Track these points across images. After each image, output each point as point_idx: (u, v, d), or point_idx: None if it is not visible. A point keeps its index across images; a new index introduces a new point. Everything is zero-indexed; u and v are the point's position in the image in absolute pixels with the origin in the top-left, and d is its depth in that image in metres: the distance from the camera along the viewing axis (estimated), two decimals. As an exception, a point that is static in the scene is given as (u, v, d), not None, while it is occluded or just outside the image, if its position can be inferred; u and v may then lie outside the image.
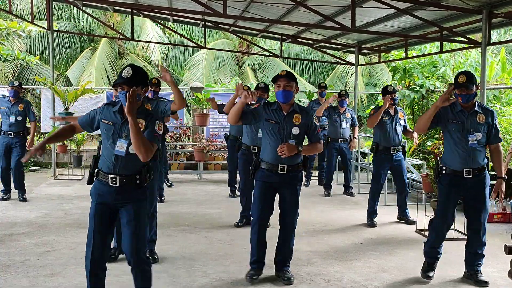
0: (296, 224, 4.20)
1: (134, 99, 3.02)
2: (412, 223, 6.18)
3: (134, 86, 3.13)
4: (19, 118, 7.09)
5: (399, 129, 6.23)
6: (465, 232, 4.40)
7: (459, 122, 4.12)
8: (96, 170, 3.30)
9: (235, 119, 4.00)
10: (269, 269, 4.33)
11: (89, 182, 3.37)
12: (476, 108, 4.20)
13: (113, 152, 3.21)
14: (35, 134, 10.02)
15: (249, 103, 4.10)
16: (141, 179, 3.27)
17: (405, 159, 6.49)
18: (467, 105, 4.16)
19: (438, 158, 4.38)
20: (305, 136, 4.17)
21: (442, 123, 4.21)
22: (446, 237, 4.37)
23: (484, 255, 4.26)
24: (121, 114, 3.24)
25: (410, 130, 6.49)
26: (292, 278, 4.14)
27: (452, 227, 5.50)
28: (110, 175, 3.21)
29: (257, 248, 4.14)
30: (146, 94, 6.97)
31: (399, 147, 6.24)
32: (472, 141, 4.12)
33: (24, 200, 7.21)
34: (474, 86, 4.09)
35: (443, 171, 4.24)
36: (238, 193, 7.78)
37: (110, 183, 3.21)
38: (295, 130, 4.05)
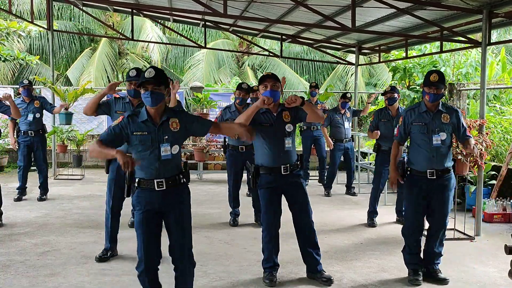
0: (313, 219, 4.19)
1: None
2: None
3: (159, 85, 3.14)
4: (37, 115, 7.14)
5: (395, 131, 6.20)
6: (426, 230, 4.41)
7: (423, 124, 4.14)
8: (136, 180, 3.25)
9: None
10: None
11: (128, 195, 3.33)
12: (440, 108, 4.20)
13: (156, 159, 3.19)
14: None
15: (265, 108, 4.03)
16: (185, 177, 3.31)
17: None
18: (432, 105, 4.17)
19: (404, 159, 4.38)
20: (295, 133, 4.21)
21: (409, 131, 4.25)
22: (446, 237, 4.37)
23: (442, 255, 4.30)
24: (152, 121, 3.22)
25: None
26: (332, 278, 4.14)
27: (452, 227, 5.53)
28: (155, 180, 3.20)
29: (271, 254, 4.13)
30: (125, 92, 7.04)
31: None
32: (436, 141, 4.12)
33: (42, 199, 7.28)
34: (443, 88, 4.13)
35: (408, 172, 4.25)
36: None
37: (156, 188, 3.20)
38: (289, 128, 4.07)
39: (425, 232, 4.42)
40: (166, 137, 3.21)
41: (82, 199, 7.29)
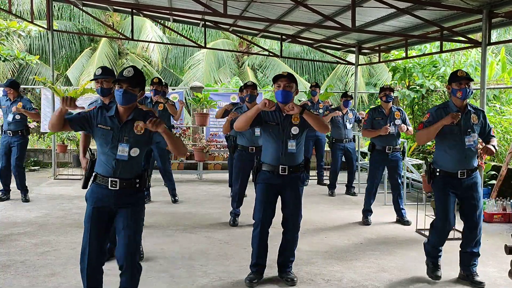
0: (299, 226, 4.19)
1: (156, 125, 3.03)
2: (406, 223, 6.20)
3: (134, 86, 3.14)
4: (18, 116, 6.97)
5: (393, 129, 6.19)
6: (460, 231, 4.39)
7: (455, 124, 4.08)
8: (93, 174, 3.28)
9: (247, 126, 3.99)
10: (269, 269, 4.33)
11: (84, 187, 3.37)
12: (469, 108, 4.19)
13: (113, 157, 3.19)
14: (35, 133, 9.95)
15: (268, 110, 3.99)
16: (141, 183, 3.28)
17: (403, 159, 6.47)
18: (461, 104, 4.14)
19: (428, 161, 4.35)
20: (304, 136, 4.17)
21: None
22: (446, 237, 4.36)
23: (479, 255, 4.25)
24: (118, 118, 3.22)
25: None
26: (295, 279, 4.13)
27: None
28: (110, 179, 3.20)
29: (258, 251, 4.12)
30: (148, 93, 7.05)
31: (395, 147, 6.24)
32: (469, 141, 4.11)
33: (26, 200, 7.18)
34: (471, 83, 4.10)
35: (437, 173, 4.21)
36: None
37: (109, 187, 3.20)
38: (295, 130, 4.04)
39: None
40: (127, 137, 3.19)
41: (82, 199, 7.20)
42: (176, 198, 7.42)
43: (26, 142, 7.28)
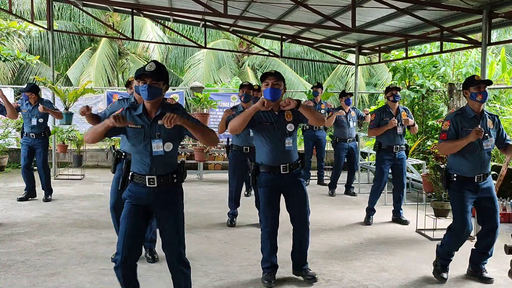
0: (309, 221, 4.18)
1: (172, 120, 3.01)
2: (405, 223, 6.21)
3: (158, 80, 3.13)
4: (41, 120, 7.07)
5: (400, 129, 6.20)
6: (475, 234, 4.40)
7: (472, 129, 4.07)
8: (130, 174, 3.25)
9: (242, 127, 3.98)
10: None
11: (122, 187, 3.33)
12: (485, 113, 4.21)
13: (147, 154, 3.18)
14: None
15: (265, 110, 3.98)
16: (178, 177, 3.27)
17: (407, 159, 6.48)
18: (479, 109, 4.15)
19: (442, 166, 4.35)
20: (297, 132, 4.20)
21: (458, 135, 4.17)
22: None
23: (491, 255, 4.29)
24: (146, 115, 3.22)
25: None
26: (316, 276, 4.15)
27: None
28: (147, 176, 3.19)
29: (270, 254, 4.12)
30: (127, 92, 7.04)
31: (402, 146, 6.25)
32: (487, 146, 4.14)
33: (47, 200, 7.25)
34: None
35: (454, 179, 4.20)
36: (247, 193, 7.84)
37: (147, 184, 3.19)
38: (290, 127, 4.05)
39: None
40: (159, 133, 3.19)
41: (82, 199, 7.30)
42: None
43: (48, 143, 7.42)
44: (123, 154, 4.50)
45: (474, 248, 4.33)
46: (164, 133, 3.19)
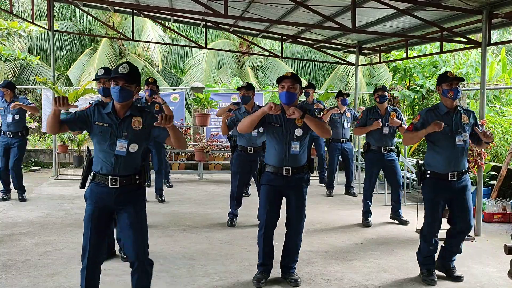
0: (303, 227, 4.19)
1: (168, 120, 3.04)
2: (404, 223, 6.21)
3: (130, 83, 3.15)
4: (17, 116, 7.00)
5: (386, 130, 6.18)
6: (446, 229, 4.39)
7: (446, 125, 4.11)
8: (92, 173, 3.28)
9: (251, 129, 3.99)
10: (272, 270, 4.35)
11: (82, 186, 3.38)
12: (459, 108, 4.22)
13: (112, 154, 3.19)
14: (35, 134, 9.95)
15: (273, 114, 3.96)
16: (141, 178, 3.28)
17: (399, 159, 6.46)
18: (452, 105, 4.17)
19: (420, 162, 4.38)
20: (308, 138, 4.16)
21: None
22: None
23: (460, 252, 4.34)
24: (115, 114, 3.23)
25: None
26: (299, 280, 4.14)
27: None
28: (109, 177, 3.20)
29: (264, 251, 4.13)
30: (144, 93, 7.08)
31: (391, 147, 6.24)
32: (459, 141, 4.13)
33: (23, 199, 7.20)
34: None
35: (427, 175, 4.22)
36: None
37: (109, 185, 3.20)
38: (298, 132, 4.03)
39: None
40: (125, 133, 3.20)
41: (82, 199, 7.21)
42: (170, 184, 8.13)
43: (26, 143, 7.32)
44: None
45: (443, 245, 4.34)
46: (131, 134, 3.21)
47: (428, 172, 4.21)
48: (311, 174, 9.36)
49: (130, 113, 3.23)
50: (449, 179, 4.13)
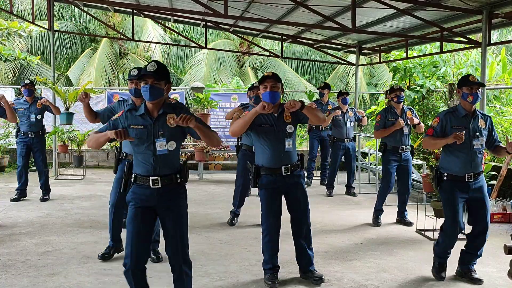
0: (310, 220, 4.19)
1: (185, 121, 3.01)
2: (409, 224, 6.18)
3: (159, 80, 3.12)
4: (39, 116, 7.13)
5: (406, 129, 6.15)
6: (466, 233, 4.39)
7: (464, 128, 4.12)
8: (133, 176, 3.24)
9: (243, 130, 4.00)
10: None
11: (124, 190, 3.32)
12: (477, 113, 4.23)
13: (151, 154, 3.16)
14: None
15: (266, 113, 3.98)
16: (182, 176, 3.26)
17: (413, 158, 6.43)
18: (470, 109, 4.18)
19: (434, 166, 4.38)
20: (295, 134, 4.19)
21: (446, 133, 4.20)
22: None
23: (481, 256, 4.29)
24: (149, 115, 3.20)
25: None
26: (323, 277, 4.14)
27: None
28: (151, 177, 3.17)
29: (272, 256, 4.12)
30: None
31: (407, 146, 6.21)
32: (477, 145, 4.15)
33: (44, 200, 7.28)
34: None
35: (444, 178, 4.22)
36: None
37: (151, 186, 3.17)
38: (290, 128, 4.05)
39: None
40: (162, 132, 3.17)
41: (83, 199, 7.30)
42: None
43: (45, 141, 7.47)
44: (124, 154, 4.56)
45: (464, 248, 4.33)
46: (167, 132, 3.18)
47: (445, 175, 4.21)
48: (314, 175, 9.41)
49: (163, 111, 3.19)
50: (466, 180, 4.14)
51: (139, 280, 3.21)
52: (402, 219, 6.32)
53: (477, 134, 4.16)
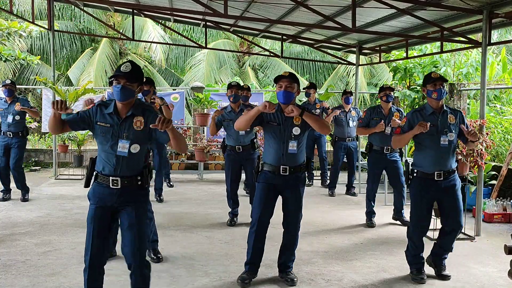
0: (299, 226, 4.19)
1: (166, 124, 2.99)
2: (407, 223, 6.16)
3: (132, 82, 3.12)
4: (17, 117, 7.01)
5: (388, 131, 6.12)
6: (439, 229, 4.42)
7: (431, 125, 4.12)
8: (94, 173, 3.27)
9: (247, 126, 4.01)
10: (269, 269, 4.35)
11: (86, 185, 3.37)
12: (445, 108, 4.23)
13: (114, 154, 3.17)
14: (36, 133, 9.98)
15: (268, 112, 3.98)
16: (143, 180, 3.26)
17: (402, 159, 6.45)
18: (437, 105, 4.19)
19: (409, 162, 4.40)
20: (306, 137, 4.17)
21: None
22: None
23: (451, 251, 4.35)
24: (117, 115, 3.20)
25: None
26: (295, 279, 4.14)
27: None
28: (111, 177, 3.18)
29: (253, 250, 4.11)
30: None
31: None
32: (444, 141, 4.15)
33: (25, 200, 7.21)
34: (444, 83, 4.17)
35: (414, 174, 4.24)
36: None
37: (111, 185, 3.19)
38: (296, 131, 4.04)
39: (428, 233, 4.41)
40: (126, 133, 3.17)
41: (83, 199, 7.28)
42: (171, 183, 8.36)
43: (25, 143, 7.34)
44: None
45: (436, 242, 4.38)
46: (132, 134, 3.18)
47: (416, 171, 4.24)
48: (314, 175, 9.41)
49: (132, 113, 3.19)
50: (436, 179, 4.15)
51: (95, 279, 3.24)
52: (399, 218, 6.32)
53: (445, 130, 4.15)
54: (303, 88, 8.87)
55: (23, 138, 7.18)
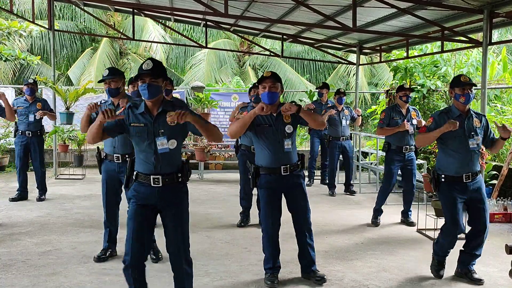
0: (311, 221, 4.18)
1: (181, 117, 2.99)
2: (411, 224, 6.16)
3: (156, 78, 3.12)
4: (37, 116, 7.09)
5: (411, 130, 6.09)
6: (465, 233, 4.38)
7: (459, 128, 4.09)
8: (134, 173, 3.24)
9: (242, 131, 3.99)
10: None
11: (126, 186, 3.33)
12: (471, 113, 4.23)
13: (152, 153, 3.16)
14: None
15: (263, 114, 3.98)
16: (183, 175, 3.25)
17: (417, 158, 6.40)
18: (464, 109, 4.18)
19: (431, 168, 4.37)
20: (295, 133, 4.17)
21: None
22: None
23: (480, 256, 4.28)
24: (149, 113, 3.20)
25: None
26: (325, 277, 4.14)
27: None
28: (152, 176, 3.17)
29: (272, 255, 4.11)
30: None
31: (411, 146, 6.15)
32: (473, 144, 4.14)
33: (41, 199, 7.25)
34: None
35: (442, 179, 4.21)
36: None
37: (152, 184, 3.17)
38: (288, 129, 4.04)
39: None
40: (162, 130, 3.17)
41: (83, 199, 7.30)
42: None
43: (44, 141, 7.46)
44: (105, 155, 4.54)
45: (463, 249, 4.32)
46: (168, 130, 3.17)
47: (443, 176, 4.20)
48: (315, 174, 9.39)
49: (163, 109, 3.18)
50: (464, 181, 4.13)
51: (138, 277, 3.20)
52: (405, 219, 6.30)
53: (472, 133, 4.15)
54: (316, 88, 8.87)
55: (41, 137, 7.28)
